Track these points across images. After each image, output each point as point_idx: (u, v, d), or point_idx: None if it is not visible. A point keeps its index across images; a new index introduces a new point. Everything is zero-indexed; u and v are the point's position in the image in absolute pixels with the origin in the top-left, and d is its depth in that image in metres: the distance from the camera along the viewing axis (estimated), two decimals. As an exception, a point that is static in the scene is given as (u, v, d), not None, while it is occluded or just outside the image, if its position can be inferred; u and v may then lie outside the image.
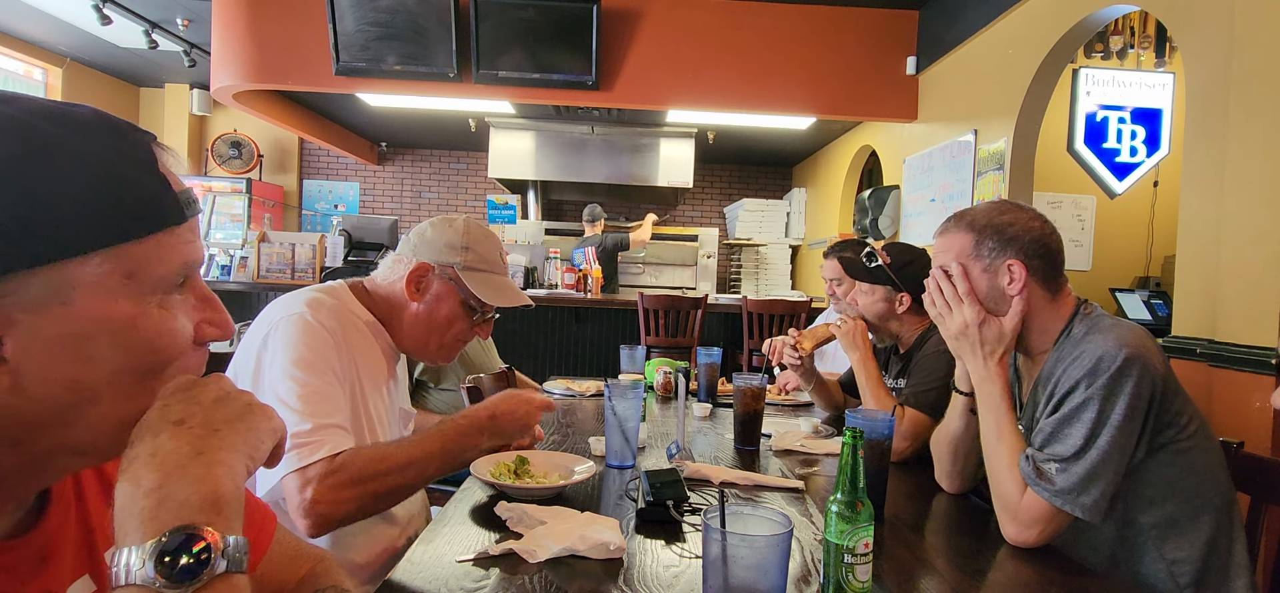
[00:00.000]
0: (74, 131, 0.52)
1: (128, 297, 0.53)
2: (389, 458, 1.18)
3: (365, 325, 1.37)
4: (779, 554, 0.85)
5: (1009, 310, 1.30)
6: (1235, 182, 2.15)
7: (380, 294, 1.42)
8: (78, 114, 0.53)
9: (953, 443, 1.47)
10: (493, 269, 1.45)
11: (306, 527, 1.11)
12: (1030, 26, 3.43)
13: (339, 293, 1.37)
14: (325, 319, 1.25)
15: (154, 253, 0.54)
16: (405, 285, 1.39)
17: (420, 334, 1.42)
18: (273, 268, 4.72)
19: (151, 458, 0.51)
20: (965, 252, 1.34)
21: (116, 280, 0.52)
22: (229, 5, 4.53)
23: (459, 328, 1.43)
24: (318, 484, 1.10)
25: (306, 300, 1.27)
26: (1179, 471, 1.21)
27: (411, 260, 1.40)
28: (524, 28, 4.36)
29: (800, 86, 4.66)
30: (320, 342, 1.23)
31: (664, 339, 4.46)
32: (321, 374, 1.20)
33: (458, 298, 1.41)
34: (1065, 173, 4.23)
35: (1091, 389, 1.17)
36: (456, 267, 1.40)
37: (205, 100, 7.25)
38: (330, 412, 1.17)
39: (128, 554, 0.48)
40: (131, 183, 0.53)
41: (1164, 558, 1.21)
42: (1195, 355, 2.21)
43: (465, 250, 1.41)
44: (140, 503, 0.49)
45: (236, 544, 0.51)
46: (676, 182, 6.35)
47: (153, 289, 0.55)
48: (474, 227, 1.46)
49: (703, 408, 2.26)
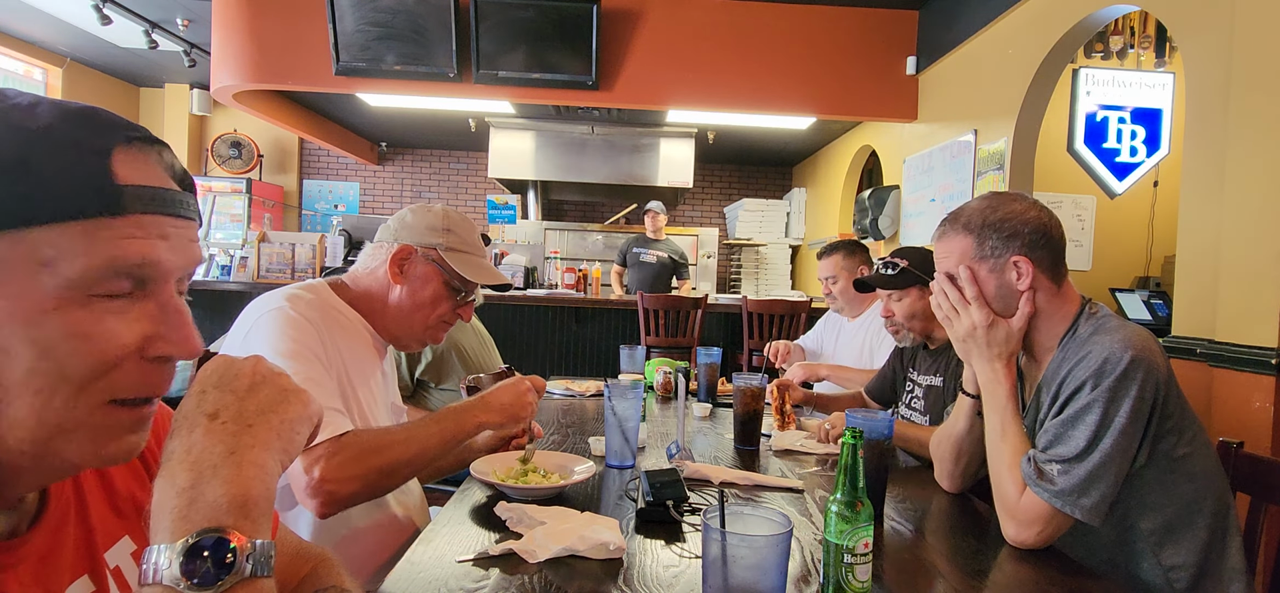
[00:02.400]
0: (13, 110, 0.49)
1: (43, 288, 0.49)
2: (391, 433, 1.22)
3: (348, 319, 1.38)
4: (779, 554, 0.85)
5: (1018, 309, 1.30)
6: (1235, 182, 2.15)
7: (360, 287, 1.43)
8: (46, 101, 0.51)
9: (955, 444, 1.47)
10: (473, 251, 1.47)
11: (315, 507, 1.12)
12: (1030, 26, 3.43)
13: (318, 289, 1.37)
14: (305, 311, 1.26)
15: (77, 244, 0.49)
16: (388, 269, 1.39)
17: (404, 317, 1.42)
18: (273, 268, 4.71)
19: (186, 456, 0.51)
20: (968, 254, 1.32)
21: (29, 267, 0.48)
22: (229, 5, 4.53)
23: (443, 308, 1.44)
24: (325, 462, 1.11)
25: (285, 296, 1.28)
26: (1177, 476, 1.21)
27: (393, 245, 1.41)
28: (524, 28, 4.36)
29: (800, 86, 4.66)
30: (303, 331, 1.23)
31: (664, 339, 4.46)
32: (309, 362, 1.20)
33: (441, 279, 1.42)
34: (1065, 173, 4.23)
35: (1097, 391, 1.17)
36: (439, 248, 1.42)
37: (205, 100, 7.25)
38: (325, 397, 1.18)
39: (158, 553, 0.48)
40: (51, 162, 0.49)
41: (1161, 564, 1.21)
42: (1195, 355, 2.21)
43: (447, 232, 1.43)
44: (173, 502, 0.50)
45: (263, 547, 0.51)
46: (676, 182, 6.35)
47: (76, 284, 0.50)
48: (452, 212, 1.48)
49: (703, 408, 2.26)
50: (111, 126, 0.53)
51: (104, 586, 0.63)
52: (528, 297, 4.97)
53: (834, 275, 2.80)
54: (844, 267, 2.78)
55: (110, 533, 0.65)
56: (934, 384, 1.99)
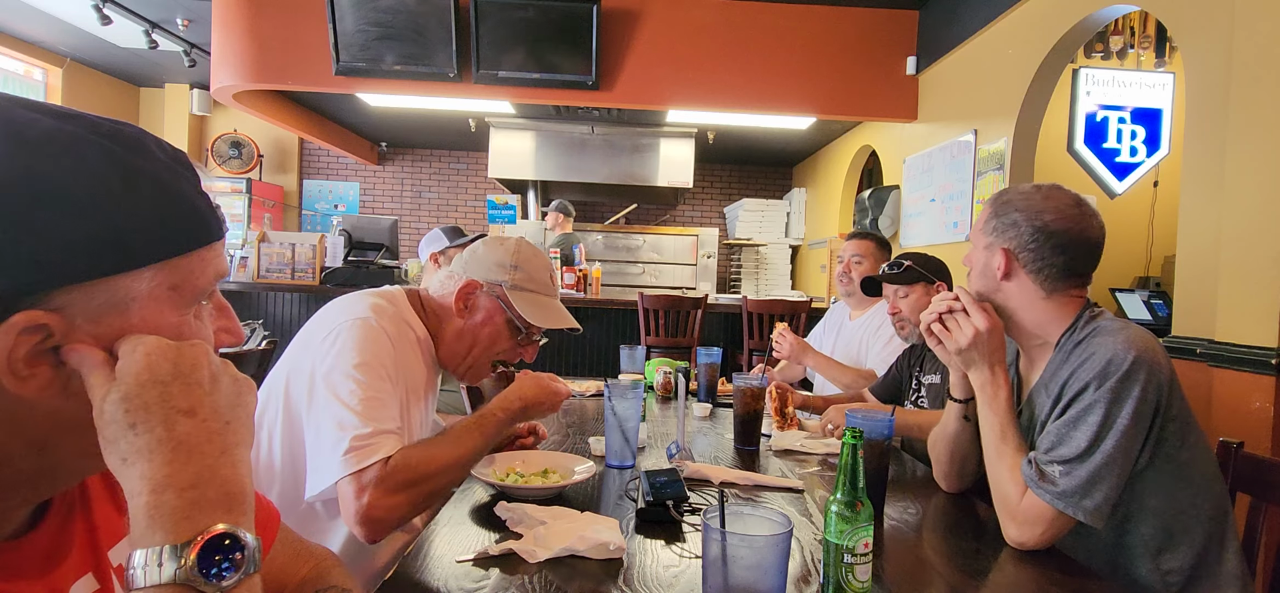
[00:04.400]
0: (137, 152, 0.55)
1: (172, 308, 0.56)
2: (436, 459, 1.19)
3: (416, 336, 1.39)
4: (779, 554, 0.85)
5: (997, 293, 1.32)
6: (1235, 182, 2.15)
7: (433, 306, 1.44)
8: (130, 133, 0.56)
9: (949, 445, 1.47)
10: (541, 291, 1.46)
11: (362, 534, 1.12)
12: (1030, 26, 3.43)
13: (398, 301, 1.39)
14: (387, 326, 1.28)
15: (197, 267, 0.57)
16: (454, 301, 1.41)
17: (462, 349, 1.43)
18: (273, 268, 4.71)
19: (175, 454, 0.50)
20: (982, 222, 1.36)
21: (165, 292, 0.55)
22: (229, 5, 4.53)
23: (502, 346, 1.45)
24: (373, 490, 1.11)
25: (371, 305, 1.30)
26: (1177, 480, 1.21)
27: (462, 277, 1.42)
28: (524, 28, 4.36)
29: (800, 86, 4.66)
30: (382, 347, 1.24)
31: (664, 339, 4.46)
32: (381, 379, 1.21)
33: (504, 317, 1.43)
34: (1065, 173, 4.21)
35: (1099, 392, 1.16)
36: (504, 285, 1.42)
37: (205, 100, 7.25)
38: (386, 417, 1.19)
39: (155, 553, 0.48)
40: (186, 200, 0.57)
41: (1159, 569, 1.21)
42: (1195, 355, 2.21)
43: (514, 269, 1.43)
44: (173, 502, 0.49)
45: (256, 543, 0.52)
46: (676, 182, 6.35)
47: (192, 300, 0.58)
48: (525, 246, 1.47)
49: (703, 408, 2.26)
50: (183, 154, 0.60)
51: (108, 584, 0.63)
52: (528, 297, 4.95)
53: (861, 257, 2.77)
54: (873, 253, 2.76)
55: (114, 531, 0.66)
56: (933, 382, 2.01)
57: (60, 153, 0.51)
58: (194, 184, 0.58)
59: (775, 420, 1.98)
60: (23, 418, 0.52)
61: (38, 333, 0.50)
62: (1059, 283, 1.29)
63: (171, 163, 0.57)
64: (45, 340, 0.50)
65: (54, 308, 0.50)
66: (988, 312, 1.30)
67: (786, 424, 1.97)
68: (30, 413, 0.52)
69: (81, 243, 0.50)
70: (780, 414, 1.98)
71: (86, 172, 0.51)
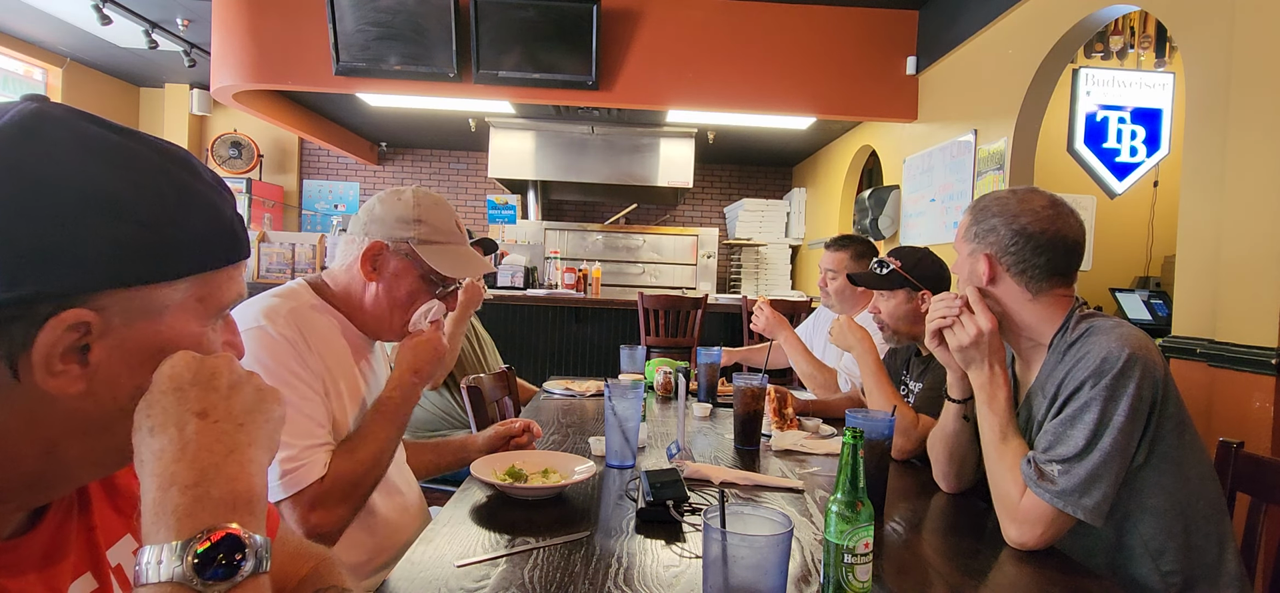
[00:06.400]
0: (189, 171, 0.59)
1: (196, 319, 0.59)
2: (363, 461, 1.25)
3: (325, 321, 1.34)
4: (779, 554, 0.85)
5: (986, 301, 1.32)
6: (1235, 182, 2.15)
7: (339, 284, 1.38)
8: (183, 154, 0.60)
9: (948, 446, 1.47)
10: (449, 240, 1.40)
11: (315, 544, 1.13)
12: (1030, 26, 3.43)
13: (295, 293, 1.33)
14: (283, 328, 1.23)
15: (224, 283, 0.61)
16: (360, 266, 1.34)
17: (383, 314, 1.37)
18: (273, 268, 4.72)
19: (182, 453, 0.52)
20: (964, 231, 1.37)
21: (193, 303, 0.58)
22: (229, 5, 4.53)
23: (422, 302, 1.39)
24: (316, 511, 1.17)
25: (263, 311, 1.24)
26: (1175, 479, 1.21)
27: (363, 240, 1.35)
28: (524, 28, 4.36)
29: (800, 86, 4.66)
30: (283, 353, 1.20)
31: (664, 339, 4.45)
32: (293, 388, 1.19)
33: (416, 273, 1.36)
34: (1065, 173, 4.22)
35: (1095, 390, 1.17)
36: (411, 241, 1.35)
37: (205, 100, 7.24)
38: (307, 431, 1.19)
39: (158, 552, 0.49)
40: (226, 220, 0.61)
41: (1158, 569, 1.21)
42: (1195, 355, 2.21)
43: (418, 223, 1.36)
44: (176, 500, 0.50)
45: (264, 544, 0.53)
46: (676, 182, 6.35)
47: (214, 313, 0.61)
48: (423, 197, 1.40)
49: (703, 408, 2.26)
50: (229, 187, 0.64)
51: (107, 584, 0.63)
52: (528, 297, 4.97)
53: (835, 271, 2.78)
54: (847, 263, 2.76)
55: (112, 531, 0.66)
56: (919, 388, 2.01)
57: (124, 166, 0.54)
58: (232, 205, 0.62)
59: (774, 421, 1.98)
60: (41, 417, 0.53)
61: (78, 330, 0.52)
62: (1043, 284, 1.30)
63: (216, 184, 0.61)
64: (82, 338, 0.52)
65: (97, 308, 0.52)
66: (990, 311, 1.31)
67: (785, 425, 1.97)
68: (49, 412, 0.53)
69: (135, 250, 0.53)
70: (779, 415, 1.98)
71: (147, 185, 0.55)
